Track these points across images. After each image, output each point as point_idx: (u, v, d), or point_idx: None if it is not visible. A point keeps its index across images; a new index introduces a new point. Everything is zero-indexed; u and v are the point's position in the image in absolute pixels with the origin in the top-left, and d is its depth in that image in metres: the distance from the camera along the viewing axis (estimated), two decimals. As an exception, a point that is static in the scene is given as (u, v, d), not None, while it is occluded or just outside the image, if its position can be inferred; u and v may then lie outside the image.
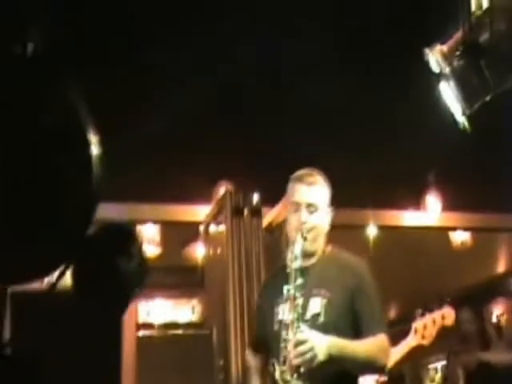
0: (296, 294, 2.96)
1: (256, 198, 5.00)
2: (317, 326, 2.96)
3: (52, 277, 2.16)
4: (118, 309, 2.23)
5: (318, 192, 3.13)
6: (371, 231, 6.19)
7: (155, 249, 6.06)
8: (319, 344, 2.86)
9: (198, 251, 6.17)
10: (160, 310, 6.34)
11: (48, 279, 2.22)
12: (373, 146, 5.15)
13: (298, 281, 2.96)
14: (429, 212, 6.08)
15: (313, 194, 3.11)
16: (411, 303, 5.67)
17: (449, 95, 3.40)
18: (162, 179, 5.19)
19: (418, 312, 4.30)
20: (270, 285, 3.38)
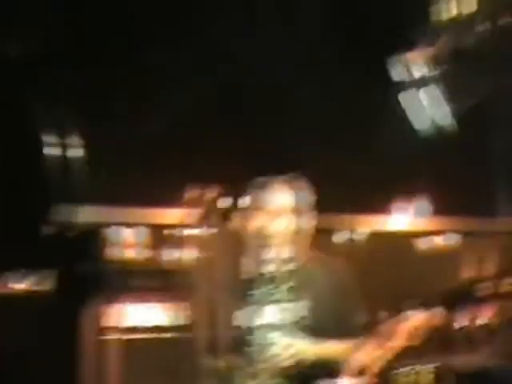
0: (280, 298, 2.98)
1: (247, 201, 4.96)
2: (302, 328, 2.98)
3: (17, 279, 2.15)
4: (78, 310, 2.23)
5: (299, 196, 3.14)
6: (357, 236, 6.25)
7: (141, 252, 6.04)
8: (304, 347, 2.89)
9: (186, 254, 6.16)
10: (146, 313, 6.32)
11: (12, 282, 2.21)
12: (362, 149, 5.14)
13: (283, 285, 2.99)
14: (416, 216, 6.11)
15: (293, 198, 3.11)
16: (396, 306, 5.67)
17: (433, 100, 3.40)
18: (150, 180, 5.15)
19: (404, 315, 4.31)
20: (246, 288, 3.38)
